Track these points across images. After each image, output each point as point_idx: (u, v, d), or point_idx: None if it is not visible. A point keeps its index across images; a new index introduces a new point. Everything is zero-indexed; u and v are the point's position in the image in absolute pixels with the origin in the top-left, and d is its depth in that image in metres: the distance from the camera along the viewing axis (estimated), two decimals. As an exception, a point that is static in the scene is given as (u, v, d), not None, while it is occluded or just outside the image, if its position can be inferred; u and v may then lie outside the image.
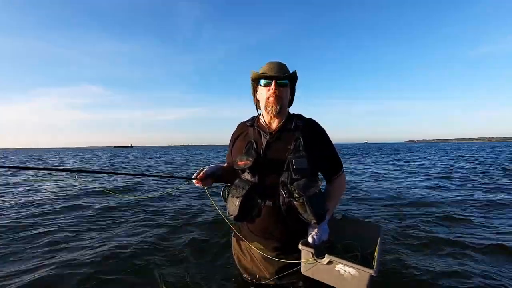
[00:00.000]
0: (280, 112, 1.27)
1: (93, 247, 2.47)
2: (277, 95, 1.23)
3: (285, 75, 1.24)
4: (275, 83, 1.23)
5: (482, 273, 1.97)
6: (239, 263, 1.51)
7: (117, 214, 3.76)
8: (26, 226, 3.15)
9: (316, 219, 1.09)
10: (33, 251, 2.40)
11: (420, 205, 4.10)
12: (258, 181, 1.23)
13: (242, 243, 1.45)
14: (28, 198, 4.91)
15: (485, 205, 4.00)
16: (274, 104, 1.24)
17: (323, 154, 1.28)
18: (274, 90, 1.23)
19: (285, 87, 1.27)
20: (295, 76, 1.29)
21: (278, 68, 1.26)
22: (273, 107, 1.24)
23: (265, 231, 1.27)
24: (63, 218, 3.52)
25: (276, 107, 1.24)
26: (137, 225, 3.21)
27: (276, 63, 1.30)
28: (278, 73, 1.24)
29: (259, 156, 1.23)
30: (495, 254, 2.28)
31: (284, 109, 1.30)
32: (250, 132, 1.36)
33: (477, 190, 5.34)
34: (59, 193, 5.39)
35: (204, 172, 1.31)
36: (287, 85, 1.28)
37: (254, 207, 1.22)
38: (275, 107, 1.24)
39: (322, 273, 1.07)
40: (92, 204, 4.30)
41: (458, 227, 3.04)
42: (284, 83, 1.26)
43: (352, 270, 0.98)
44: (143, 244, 2.55)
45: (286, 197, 1.13)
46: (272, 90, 1.23)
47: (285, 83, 1.26)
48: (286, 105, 1.33)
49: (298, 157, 1.16)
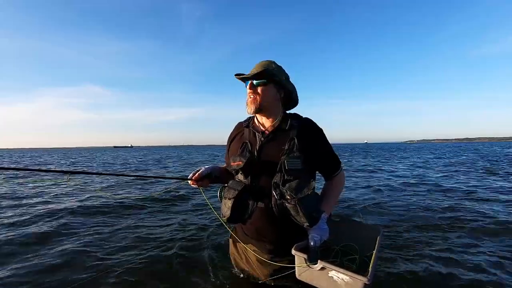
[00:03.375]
0: (262, 112, 1.26)
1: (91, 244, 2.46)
2: (253, 95, 1.23)
3: (253, 73, 1.20)
4: (250, 83, 1.23)
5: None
6: (235, 264, 1.50)
7: (111, 215, 3.74)
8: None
9: (308, 221, 1.08)
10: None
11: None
12: (251, 182, 1.22)
13: (238, 245, 1.44)
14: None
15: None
16: (249, 104, 1.25)
17: (319, 154, 1.27)
18: (248, 91, 1.24)
19: (264, 86, 1.23)
20: (270, 72, 1.21)
21: (257, 67, 1.24)
22: (249, 107, 1.25)
23: (258, 232, 1.27)
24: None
25: (251, 107, 1.24)
26: (131, 225, 3.20)
27: (259, 62, 1.27)
28: (252, 72, 1.21)
29: (252, 157, 1.22)
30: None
31: (270, 109, 1.27)
32: (245, 133, 1.35)
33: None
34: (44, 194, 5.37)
35: (200, 173, 1.30)
36: (266, 84, 1.23)
37: (246, 208, 1.20)
38: (251, 108, 1.24)
39: (316, 278, 1.06)
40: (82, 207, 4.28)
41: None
42: (260, 82, 1.22)
43: (346, 277, 0.97)
44: (137, 244, 2.54)
45: (278, 198, 1.12)
46: (247, 91, 1.24)
47: (262, 82, 1.22)
48: (273, 105, 1.28)
49: (291, 158, 1.15)
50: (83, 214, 3.73)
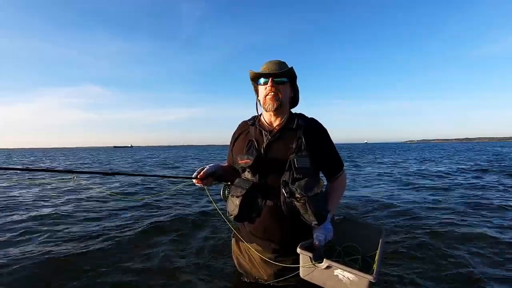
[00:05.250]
0: (279, 109, 1.26)
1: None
2: (275, 92, 1.23)
3: (282, 71, 1.23)
4: (272, 80, 1.23)
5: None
6: (238, 264, 1.49)
7: (117, 215, 3.74)
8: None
9: (317, 220, 1.08)
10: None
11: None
12: (259, 180, 1.21)
13: (241, 244, 1.43)
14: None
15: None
16: (272, 102, 1.23)
17: (324, 154, 1.28)
18: (271, 88, 1.23)
19: (283, 85, 1.26)
20: (293, 72, 1.27)
21: (276, 66, 1.25)
22: (270, 104, 1.24)
23: (265, 231, 1.26)
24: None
25: (274, 104, 1.23)
26: (133, 225, 3.19)
27: (274, 61, 1.29)
28: (275, 70, 1.23)
29: (260, 155, 1.22)
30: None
31: (284, 107, 1.29)
32: (251, 131, 1.35)
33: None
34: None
35: (205, 171, 1.29)
36: (286, 83, 1.26)
37: (254, 207, 1.20)
38: (273, 104, 1.23)
39: (321, 277, 1.05)
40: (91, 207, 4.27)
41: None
42: (281, 81, 1.25)
43: (351, 275, 0.96)
44: (136, 244, 2.54)
45: (287, 197, 1.12)
46: (269, 88, 1.23)
47: (282, 81, 1.25)
48: (287, 103, 1.31)
49: (300, 156, 1.15)
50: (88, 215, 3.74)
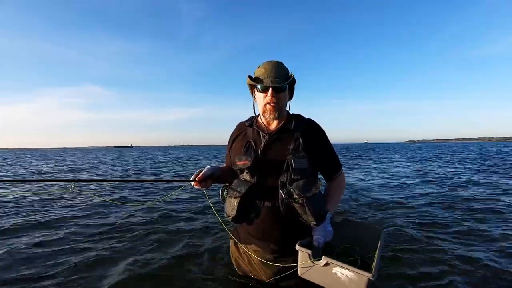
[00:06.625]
0: (278, 117, 1.25)
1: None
2: (275, 102, 1.20)
3: (281, 85, 1.19)
4: (272, 90, 1.19)
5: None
6: (237, 265, 1.50)
7: (114, 222, 3.74)
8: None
9: (315, 220, 1.08)
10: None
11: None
12: (257, 181, 1.21)
13: (239, 246, 1.43)
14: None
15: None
16: (272, 112, 1.22)
17: (322, 154, 1.28)
18: (271, 98, 1.19)
19: (283, 92, 1.23)
20: (293, 80, 1.25)
21: (275, 72, 1.20)
22: (271, 114, 1.22)
23: (263, 232, 1.26)
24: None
25: (274, 115, 1.22)
26: (133, 232, 3.19)
27: (272, 65, 1.23)
28: (275, 77, 1.19)
29: (258, 156, 1.22)
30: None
31: (283, 111, 1.28)
32: (249, 132, 1.34)
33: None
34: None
35: (203, 173, 1.30)
36: (285, 90, 1.24)
37: (252, 208, 1.21)
38: (273, 115, 1.22)
39: (319, 275, 1.05)
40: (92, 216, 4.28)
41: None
42: (281, 89, 1.22)
43: (350, 273, 0.96)
44: (135, 246, 2.54)
45: (285, 198, 1.12)
46: (269, 98, 1.20)
47: (282, 89, 1.22)
48: (285, 108, 1.30)
49: (297, 157, 1.15)
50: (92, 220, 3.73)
